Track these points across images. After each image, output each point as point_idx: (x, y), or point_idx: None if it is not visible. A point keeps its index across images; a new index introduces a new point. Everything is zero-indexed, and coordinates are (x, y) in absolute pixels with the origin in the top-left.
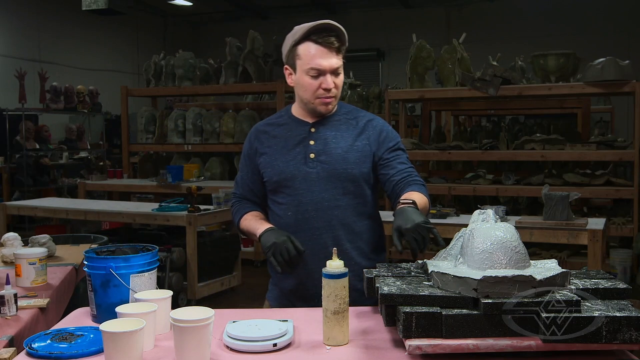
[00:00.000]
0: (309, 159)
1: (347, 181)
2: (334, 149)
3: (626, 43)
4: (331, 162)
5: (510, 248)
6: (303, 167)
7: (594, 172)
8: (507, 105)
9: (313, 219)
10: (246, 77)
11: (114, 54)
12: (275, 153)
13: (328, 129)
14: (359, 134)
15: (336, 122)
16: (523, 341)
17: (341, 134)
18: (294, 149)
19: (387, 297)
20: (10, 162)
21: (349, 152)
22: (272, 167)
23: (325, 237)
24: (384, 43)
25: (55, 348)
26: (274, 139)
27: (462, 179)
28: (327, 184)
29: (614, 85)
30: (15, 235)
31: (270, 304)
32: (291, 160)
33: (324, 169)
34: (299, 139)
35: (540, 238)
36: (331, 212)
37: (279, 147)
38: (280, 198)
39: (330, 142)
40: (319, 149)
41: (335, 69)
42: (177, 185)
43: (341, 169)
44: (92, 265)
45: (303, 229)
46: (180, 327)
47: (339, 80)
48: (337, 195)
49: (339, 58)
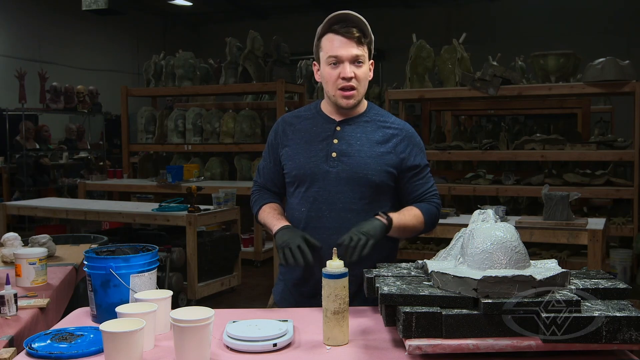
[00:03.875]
0: (330, 157)
1: (365, 186)
2: (357, 152)
3: (626, 43)
4: (352, 164)
5: (510, 248)
6: (323, 165)
7: (594, 172)
8: (507, 105)
9: (325, 219)
10: (246, 77)
11: (114, 54)
12: (297, 147)
13: (354, 130)
14: (386, 141)
15: (364, 122)
16: (523, 341)
17: (367, 137)
18: (317, 145)
19: (387, 297)
20: (10, 162)
21: (372, 158)
22: (293, 160)
23: (335, 239)
24: (384, 43)
25: (55, 348)
26: (298, 132)
27: (462, 179)
28: (345, 186)
29: (614, 85)
30: (15, 235)
31: (274, 299)
32: (313, 157)
33: (344, 170)
34: (323, 135)
35: (540, 238)
36: (344, 214)
37: (302, 142)
38: (297, 192)
39: (355, 143)
40: (342, 148)
41: (356, 57)
42: (177, 185)
43: (362, 173)
44: (92, 265)
45: (315, 227)
46: (180, 327)
47: (360, 71)
48: (354, 198)
49: (361, 49)
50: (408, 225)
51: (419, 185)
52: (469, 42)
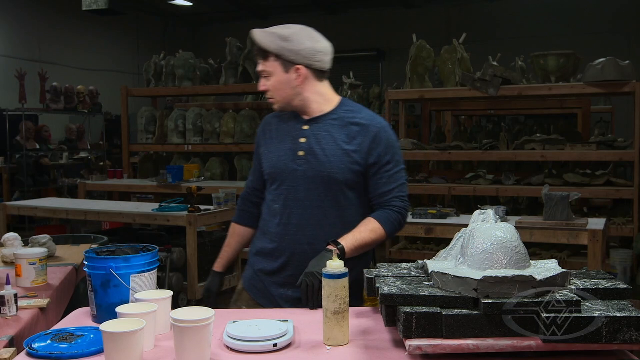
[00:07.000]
0: (296, 156)
1: (330, 184)
2: (321, 150)
3: (626, 43)
4: (317, 162)
5: (510, 248)
6: (291, 163)
7: (594, 172)
8: (507, 105)
9: (295, 215)
10: (246, 77)
11: (114, 54)
12: (271, 146)
13: (321, 128)
14: (352, 138)
15: (331, 120)
16: (523, 341)
17: (332, 135)
18: (286, 144)
19: (387, 297)
20: (10, 162)
21: (336, 156)
22: (267, 159)
23: (301, 235)
24: (384, 43)
25: (55, 348)
26: (274, 132)
27: (462, 179)
28: (311, 184)
29: (614, 85)
30: (15, 235)
31: (242, 284)
32: (282, 155)
33: (309, 168)
34: (292, 134)
35: (540, 238)
36: (312, 211)
37: (276, 141)
38: (272, 188)
39: (321, 141)
40: (307, 147)
41: (261, 72)
42: (177, 185)
43: (326, 171)
44: (92, 265)
45: (286, 223)
46: (180, 327)
47: (269, 83)
48: (319, 195)
49: (265, 64)
50: (365, 242)
51: (381, 184)
52: (469, 42)
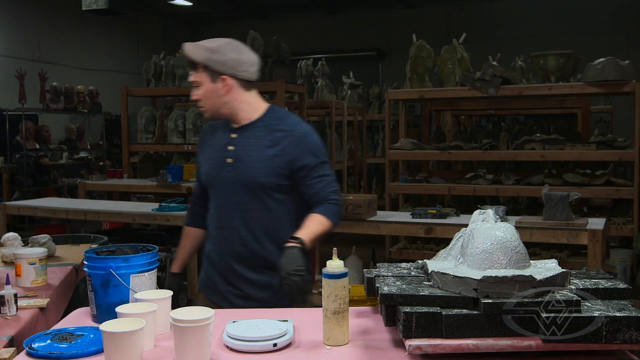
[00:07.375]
0: (225, 163)
1: (256, 189)
2: (248, 157)
3: (626, 43)
4: (243, 169)
5: (510, 248)
6: (221, 171)
7: (594, 172)
8: (507, 105)
9: (228, 219)
10: None
11: (114, 54)
12: (205, 154)
13: (248, 136)
14: (276, 144)
15: (257, 128)
16: (523, 341)
17: (258, 142)
18: (217, 153)
19: (387, 297)
20: (10, 162)
21: (261, 162)
22: (203, 166)
23: (235, 237)
24: (384, 43)
25: (55, 348)
26: (209, 141)
27: (462, 179)
28: (240, 189)
29: (614, 85)
30: (15, 235)
31: (198, 285)
32: (213, 164)
33: (236, 175)
34: (222, 143)
35: (540, 238)
36: (243, 214)
37: (210, 150)
38: (210, 195)
39: (247, 148)
40: (235, 155)
41: (192, 82)
42: (177, 185)
43: (251, 177)
44: (92, 265)
45: (222, 226)
46: (180, 327)
47: (199, 93)
48: (247, 200)
49: (195, 75)
50: (319, 234)
51: (313, 184)
52: (469, 42)
